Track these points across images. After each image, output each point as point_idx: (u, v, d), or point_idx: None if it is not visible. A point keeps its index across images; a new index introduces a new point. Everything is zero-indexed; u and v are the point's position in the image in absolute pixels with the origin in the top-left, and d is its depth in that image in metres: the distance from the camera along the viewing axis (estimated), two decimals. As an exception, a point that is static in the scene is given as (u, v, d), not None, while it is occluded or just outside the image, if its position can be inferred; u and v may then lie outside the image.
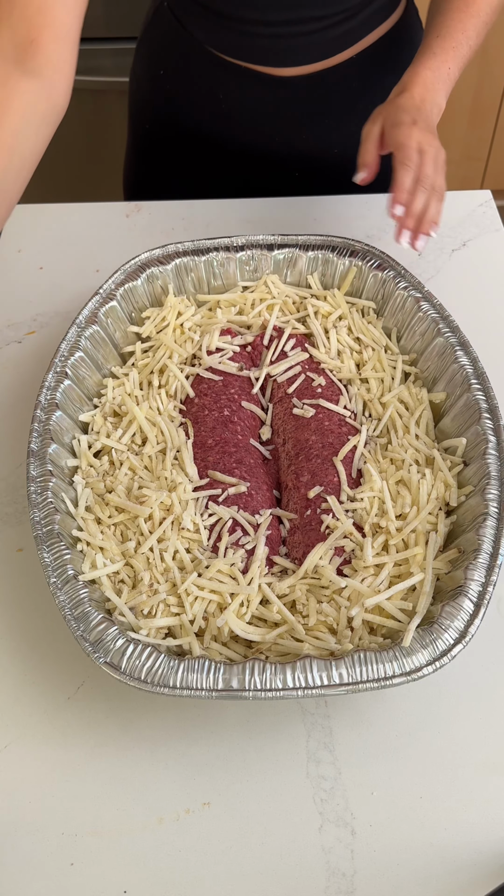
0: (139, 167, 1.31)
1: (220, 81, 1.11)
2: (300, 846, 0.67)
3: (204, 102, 1.14)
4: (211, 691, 0.65)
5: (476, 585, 0.70)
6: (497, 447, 0.78)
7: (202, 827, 0.68)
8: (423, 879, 0.66)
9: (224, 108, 1.13)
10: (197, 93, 1.14)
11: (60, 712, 0.74)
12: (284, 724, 0.73)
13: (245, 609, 0.72)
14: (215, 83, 1.12)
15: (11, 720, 0.73)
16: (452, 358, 0.86)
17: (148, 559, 0.74)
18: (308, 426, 0.84)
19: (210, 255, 0.95)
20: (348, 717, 0.74)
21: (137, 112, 1.26)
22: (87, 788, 0.70)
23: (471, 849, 0.67)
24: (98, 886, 0.66)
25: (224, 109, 1.13)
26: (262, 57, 1.07)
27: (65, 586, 0.71)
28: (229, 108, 1.13)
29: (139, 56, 1.22)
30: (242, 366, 0.90)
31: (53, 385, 0.84)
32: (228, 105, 1.13)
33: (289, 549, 0.78)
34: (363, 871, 0.66)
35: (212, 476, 0.80)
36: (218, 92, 1.12)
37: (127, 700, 0.74)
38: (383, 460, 0.82)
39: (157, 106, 1.20)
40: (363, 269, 0.94)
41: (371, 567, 0.74)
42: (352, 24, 1.04)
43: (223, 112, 1.14)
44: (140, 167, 1.30)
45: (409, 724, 0.73)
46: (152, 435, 0.83)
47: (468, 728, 0.73)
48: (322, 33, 1.04)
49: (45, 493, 0.76)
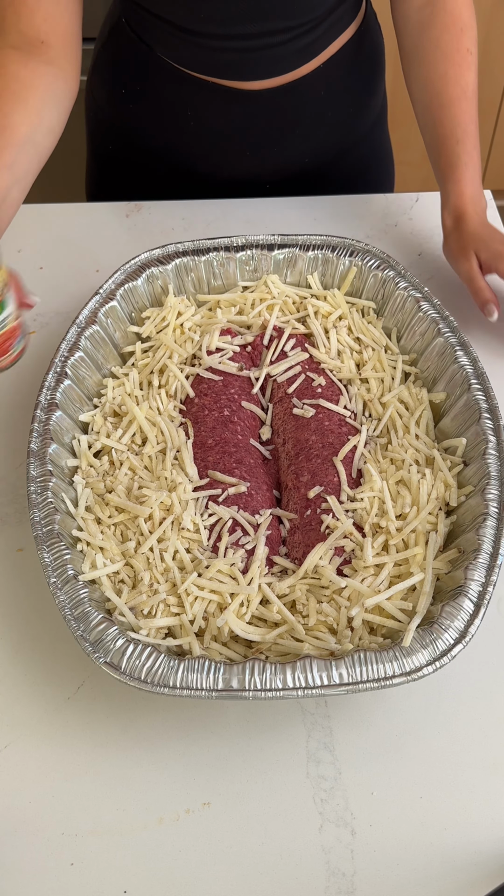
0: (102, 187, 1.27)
1: (186, 98, 1.08)
2: (300, 846, 0.67)
3: (171, 121, 1.10)
4: (211, 691, 0.65)
5: (476, 585, 0.70)
6: (497, 447, 0.78)
7: (202, 827, 0.68)
8: (423, 879, 0.66)
9: (192, 126, 1.10)
10: (163, 111, 1.10)
11: (60, 712, 0.74)
12: (284, 724, 0.73)
13: (245, 609, 0.72)
14: (182, 100, 1.08)
15: (11, 720, 0.73)
16: (452, 358, 0.86)
17: (148, 559, 0.74)
18: (308, 426, 0.84)
19: (210, 255, 0.95)
20: (348, 717, 0.74)
21: (98, 132, 1.22)
22: (87, 788, 0.70)
23: (471, 849, 0.67)
24: (98, 886, 0.66)
25: (192, 127, 1.10)
26: (229, 71, 1.04)
27: (65, 586, 0.71)
28: (198, 126, 1.10)
29: (96, 75, 1.17)
30: (242, 366, 0.90)
31: (53, 385, 0.84)
32: (197, 122, 1.09)
33: (289, 549, 0.78)
34: (363, 871, 0.66)
35: (212, 476, 0.80)
36: (186, 109, 1.09)
37: (127, 700, 0.74)
38: (383, 460, 0.82)
39: (119, 126, 1.16)
40: (363, 269, 0.94)
41: (371, 567, 0.74)
42: (316, 33, 1.02)
43: (191, 129, 1.10)
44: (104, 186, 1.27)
45: (409, 724, 0.73)
46: (152, 435, 0.83)
47: (468, 728, 0.73)
48: (288, 45, 1.01)
49: (45, 493, 0.76)
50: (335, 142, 1.15)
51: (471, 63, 1.00)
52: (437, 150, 1.00)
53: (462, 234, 0.96)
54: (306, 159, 1.14)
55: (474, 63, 1.00)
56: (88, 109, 1.22)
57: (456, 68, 0.99)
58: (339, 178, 1.17)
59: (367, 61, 1.13)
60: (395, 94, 1.23)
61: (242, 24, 0.98)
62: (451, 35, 0.99)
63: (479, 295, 0.94)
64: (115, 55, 1.12)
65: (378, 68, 1.16)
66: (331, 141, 1.14)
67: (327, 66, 1.06)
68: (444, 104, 0.99)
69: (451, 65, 0.99)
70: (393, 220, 1.14)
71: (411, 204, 1.16)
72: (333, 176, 1.17)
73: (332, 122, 1.11)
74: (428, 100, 1.01)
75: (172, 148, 1.14)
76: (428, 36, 1.01)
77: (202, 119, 1.09)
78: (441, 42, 1.00)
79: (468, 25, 1.00)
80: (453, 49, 0.99)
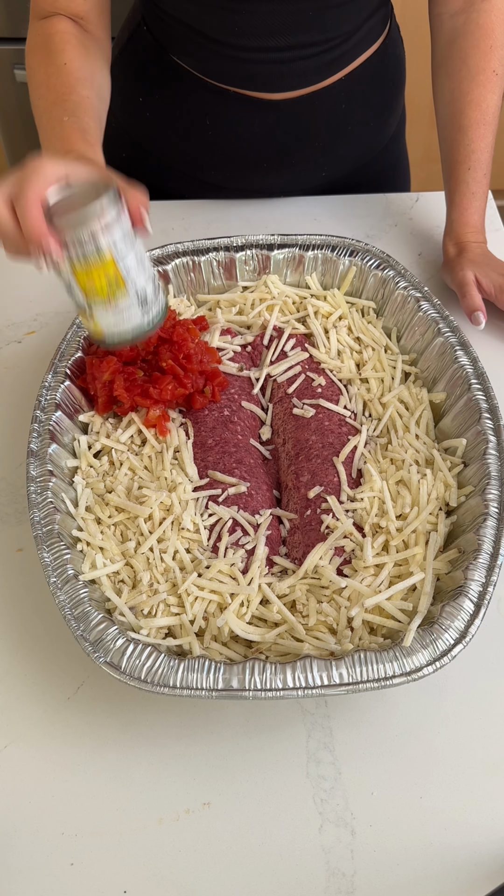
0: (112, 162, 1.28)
1: (206, 107, 1.07)
2: (300, 846, 0.67)
3: (188, 129, 1.10)
4: (211, 691, 0.65)
5: (476, 585, 0.70)
6: (497, 447, 0.78)
7: (202, 827, 0.68)
8: (423, 879, 0.66)
9: (210, 135, 1.09)
10: (180, 119, 1.09)
11: (60, 712, 0.74)
12: (284, 724, 0.73)
13: (245, 609, 0.72)
14: (202, 109, 1.08)
15: (11, 720, 0.73)
16: (452, 358, 0.86)
17: (148, 559, 0.74)
18: (308, 426, 0.84)
19: (210, 255, 0.95)
20: (348, 717, 0.74)
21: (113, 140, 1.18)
22: (87, 788, 0.70)
23: (471, 849, 0.67)
24: (98, 886, 0.66)
25: (210, 136, 1.09)
26: (255, 83, 1.04)
27: (65, 586, 0.71)
28: (215, 135, 1.09)
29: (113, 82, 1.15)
30: (242, 366, 0.90)
31: (53, 385, 0.84)
32: (215, 132, 1.09)
33: (289, 549, 0.78)
34: (363, 871, 0.66)
35: (212, 476, 0.80)
36: (204, 118, 1.08)
37: (127, 700, 0.74)
38: (383, 460, 0.82)
39: (136, 134, 1.16)
40: (363, 269, 0.94)
41: (371, 567, 0.74)
42: (345, 47, 1.03)
43: (208, 139, 1.10)
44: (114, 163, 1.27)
45: (409, 724, 0.73)
46: (152, 435, 0.83)
47: (468, 728, 0.73)
48: (316, 58, 1.01)
49: (45, 493, 0.76)
50: (354, 156, 1.15)
51: (495, 85, 1.00)
52: (449, 172, 1.02)
53: (463, 262, 1.00)
54: (323, 173, 1.14)
55: (500, 85, 1.01)
56: None
57: (480, 89, 0.99)
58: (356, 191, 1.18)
59: (389, 75, 1.13)
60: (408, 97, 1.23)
61: (275, 37, 0.98)
62: (481, 53, 1.00)
63: (470, 301, 0.98)
64: (133, 62, 1.11)
65: (399, 83, 1.17)
66: (350, 155, 1.14)
67: (349, 78, 1.07)
68: (462, 127, 1.00)
69: (475, 85, 1.00)
70: (393, 220, 1.14)
71: (411, 204, 1.16)
72: (350, 190, 1.18)
73: (351, 135, 1.12)
74: (448, 117, 1.02)
75: (186, 158, 1.13)
76: (458, 48, 1.01)
77: (221, 128, 1.08)
78: (469, 59, 1.00)
79: (499, 43, 1.00)
80: (479, 69, 1.00)
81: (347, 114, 1.09)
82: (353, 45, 1.03)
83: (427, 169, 1.27)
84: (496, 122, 1.01)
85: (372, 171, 1.19)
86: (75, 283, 0.71)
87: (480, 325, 0.97)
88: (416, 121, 1.06)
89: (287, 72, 1.02)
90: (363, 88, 1.08)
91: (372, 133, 1.15)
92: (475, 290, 0.98)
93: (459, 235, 1.02)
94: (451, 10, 1.02)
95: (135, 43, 1.10)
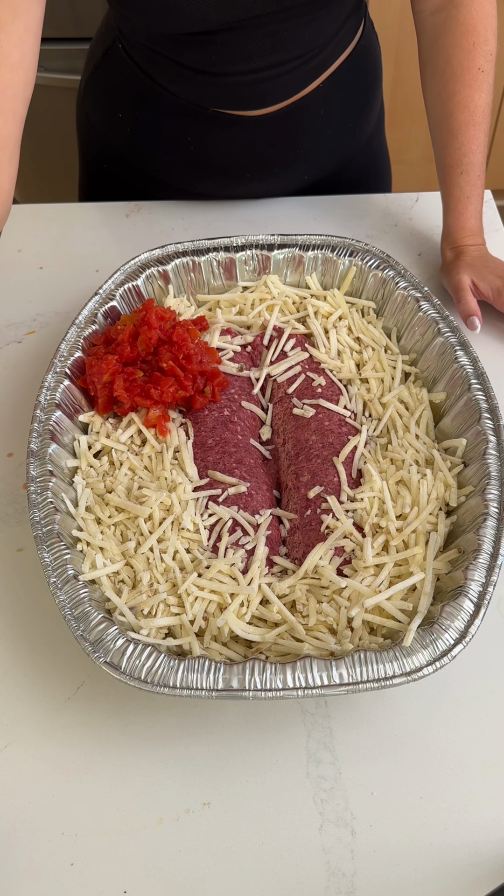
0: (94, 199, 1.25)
1: (187, 127, 1.06)
2: (300, 846, 0.67)
3: (169, 147, 1.09)
4: (211, 691, 0.65)
5: (476, 586, 0.70)
6: (497, 447, 0.78)
7: (202, 827, 0.68)
8: (423, 879, 0.66)
9: (192, 151, 1.08)
10: (161, 138, 1.09)
11: (60, 712, 0.74)
12: (284, 724, 0.73)
13: (245, 609, 0.72)
14: (182, 128, 1.07)
15: (11, 720, 0.73)
16: (452, 358, 0.86)
17: (148, 559, 0.74)
18: (308, 426, 0.84)
19: (210, 255, 0.95)
20: (348, 717, 0.74)
21: (90, 149, 1.20)
22: (87, 788, 0.70)
23: (471, 849, 0.67)
24: (98, 886, 0.66)
25: (192, 152, 1.08)
26: (235, 103, 1.03)
27: (65, 586, 0.71)
28: (198, 151, 1.08)
29: (89, 97, 1.15)
30: (242, 366, 0.90)
31: (53, 385, 0.84)
32: (197, 147, 1.08)
33: (289, 549, 0.78)
34: (363, 871, 0.66)
35: (212, 476, 0.80)
36: (185, 136, 1.07)
37: (127, 700, 0.74)
38: (383, 460, 0.82)
39: (114, 146, 1.15)
40: (363, 269, 0.94)
41: (371, 567, 0.74)
42: (324, 54, 1.02)
43: (191, 154, 1.09)
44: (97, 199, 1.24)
45: (409, 724, 0.73)
46: (152, 435, 0.83)
47: (468, 728, 0.73)
48: (294, 72, 1.01)
49: (45, 493, 0.76)
50: (335, 156, 1.15)
51: (482, 83, 0.98)
52: (443, 176, 1.01)
53: (459, 266, 1.00)
54: (305, 176, 1.14)
55: (486, 82, 0.98)
56: (81, 127, 1.20)
57: (467, 90, 0.97)
58: (338, 188, 1.18)
59: (365, 74, 1.13)
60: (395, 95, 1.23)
61: (255, 60, 0.97)
62: (463, 51, 0.97)
63: (464, 307, 0.97)
64: (110, 80, 1.10)
65: (376, 80, 1.16)
66: (331, 156, 1.14)
67: (326, 84, 1.06)
68: (452, 130, 0.98)
69: (461, 85, 0.97)
70: (393, 220, 1.14)
71: (411, 204, 1.16)
72: (332, 187, 1.17)
73: (331, 137, 1.11)
74: (438, 120, 1.01)
75: (169, 171, 1.13)
76: (440, 46, 0.99)
77: (202, 146, 1.08)
78: (452, 59, 0.98)
79: (482, 39, 0.97)
80: (464, 68, 0.97)
81: (326, 118, 1.09)
82: (329, 52, 1.03)
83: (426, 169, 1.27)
84: (487, 121, 0.99)
85: (353, 169, 1.19)
86: None
87: (476, 329, 0.97)
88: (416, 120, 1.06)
89: (269, 89, 1.02)
90: (340, 91, 1.08)
91: (351, 132, 1.15)
92: (470, 294, 0.98)
93: (456, 240, 1.02)
94: (431, 7, 1.00)
95: (111, 61, 1.09)
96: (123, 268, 0.93)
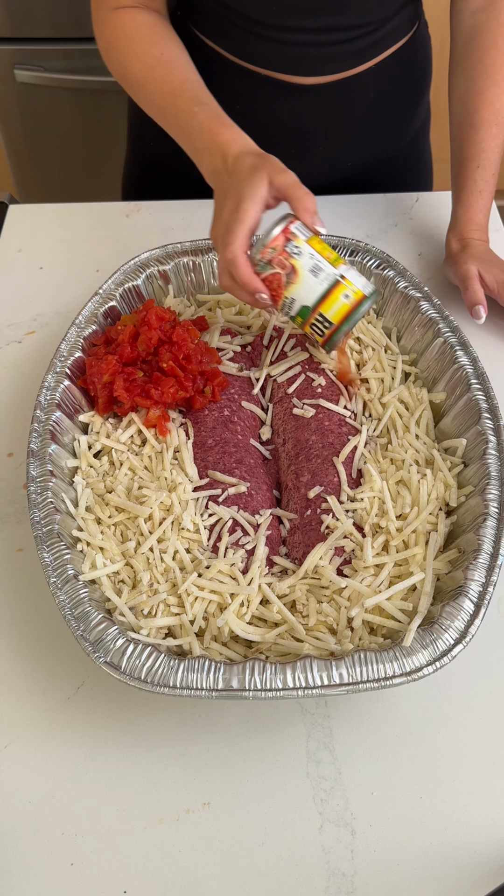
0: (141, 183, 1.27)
1: (237, 89, 1.08)
2: (300, 846, 0.67)
3: None
4: (211, 691, 0.65)
5: (476, 586, 0.70)
6: (497, 447, 0.78)
7: (202, 827, 0.68)
8: (423, 879, 0.66)
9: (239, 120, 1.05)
10: None
11: (60, 712, 0.74)
12: (284, 724, 0.73)
13: (245, 609, 0.72)
14: (232, 91, 1.07)
15: (11, 720, 0.73)
16: (452, 358, 0.86)
17: (148, 559, 0.74)
18: (308, 426, 0.84)
19: (210, 255, 0.95)
20: (348, 717, 0.74)
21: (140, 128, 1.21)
22: (87, 788, 0.70)
23: (471, 849, 0.67)
24: (98, 886, 0.66)
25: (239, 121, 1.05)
26: (287, 65, 1.05)
27: (65, 586, 0.71)
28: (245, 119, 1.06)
29: None
30: (242, 366, 0.90)
31: (53, 385, 0.84)
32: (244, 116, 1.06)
33: (289, 549, 0.78)
34: (363, 871, 0.66)
35: (212, 476, 0.80)
36: (234, 101, 1.06)
37: (127, 700, 0.74)
38: (383, 460, 0.82)
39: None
40: (363, 269, 0.94)
41: (371, 567, 0.74)
42: (378, 35, 1.04)
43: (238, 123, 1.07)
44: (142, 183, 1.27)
45: (409, 724, 0.73)
46: (152, 435, 0.83)
47: (468, 728, 0.73)
48: (351, 43, 1.03)
49: (46, 493, 0.76)
50: (380, 147, 1.16)
51: None
52: (458, 169, 1.03)
53: (466, 256, 1.00)
54: (349, 162, 1.15)
55: None
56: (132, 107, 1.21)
57: (495, 88, 1.00)
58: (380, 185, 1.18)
59: (417, 69, 1.14)
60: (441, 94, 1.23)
61: (312, 18, 0.99)
62: (498, 51, 1.00)
63: (472, 295, 0.98)
64: None
65: (426, 79, 1.18)
66: (377, 146, 1.15)
67: (379, 68, 1.08)
68: (474, 125, 1.01)
69: (490, 83, 1.00)
70: (393, 220, 1.14)
71: (411, 204, 1.16)
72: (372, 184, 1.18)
73: (378, 126, 1.13)
74: (461, 115, 1.03)
75: None
76: (476, 45, 1.02)
77: (250, 112, 1.08)
78: (486, 57, 1.01)
79: None
80: (496, 68, 1.00)
81: (375, 103, 1.10)
82: (384, 35, 1.05)
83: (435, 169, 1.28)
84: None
85: (397, 167, 1.20)
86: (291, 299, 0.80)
87: (481, 318, 0.97)
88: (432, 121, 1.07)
89: (320, 55, 1.03)
90: (392, 80, 1.10)
91: (398, 125, 1.16)
92: (478, 283, 0.98)
93: (464, 232, 1.02)
94: (473, 6, 1.03)
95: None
96: (123, 268, 0.93)
